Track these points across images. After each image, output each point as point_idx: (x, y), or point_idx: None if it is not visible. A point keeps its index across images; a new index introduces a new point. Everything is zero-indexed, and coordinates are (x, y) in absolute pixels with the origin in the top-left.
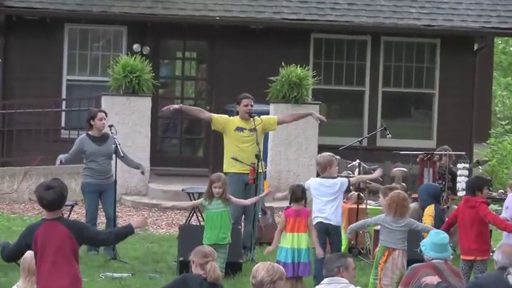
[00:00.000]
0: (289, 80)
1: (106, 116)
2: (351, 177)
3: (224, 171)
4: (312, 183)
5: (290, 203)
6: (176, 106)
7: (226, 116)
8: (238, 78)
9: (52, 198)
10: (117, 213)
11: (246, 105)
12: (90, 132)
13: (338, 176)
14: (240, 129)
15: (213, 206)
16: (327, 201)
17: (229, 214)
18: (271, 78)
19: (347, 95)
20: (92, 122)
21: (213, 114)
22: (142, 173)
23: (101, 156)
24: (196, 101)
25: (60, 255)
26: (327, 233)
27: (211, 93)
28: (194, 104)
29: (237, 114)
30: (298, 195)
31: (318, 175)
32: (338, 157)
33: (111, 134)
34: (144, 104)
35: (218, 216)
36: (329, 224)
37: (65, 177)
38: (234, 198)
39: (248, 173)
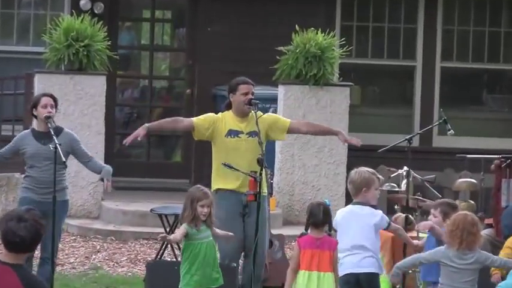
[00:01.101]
0: (306, 51)
1: (55, 102)
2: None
3: (212, 189)
4: (340, 216)
5: (306, 229)
6: (142, 131)
7: (212, 114)
8: (232, 49)
9: (23, 235)
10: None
11: (246, 94)
12: (35, 127)
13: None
14: (233, 133)
15: (203, 233)
16: (361, 238)
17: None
18: (281, 48)
19: (390, 73)
20: (34, 112)
21: (193, 119)
22: (102, 180)
23: (44, 159)
24: (172, 82)
25: None
26: (359, 286)
27: (194, 70)
28: (168, 86)
29: (229, 107)
30: (319, 218)
31: (348, 196)
32: (381, 177)
33: (53, 132)
34: (95, 85)
35: (209, 248)
36: (361, 273)
37: None
38: (215, 228)
39: (246, 193)
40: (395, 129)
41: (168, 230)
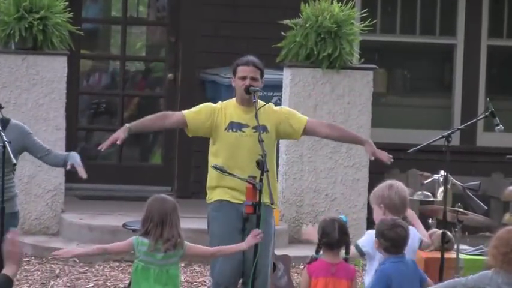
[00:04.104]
0: (318, 25)
1: None
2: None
3: (209, 199)
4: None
5: (317, 251)
6: (121, 133)
7: (208, 104)
8: (225, 23)
9: None
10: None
11: (243, 78)
12: None
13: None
14: (236, 126)
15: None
16: None
17: None
18: (287, 22)
19: (424, 54)
20: None
21: (184, 112)
22: (72, 166)
23: None
24: (149, 64)
25: None
26: None
27: (177, 50)
28: (145, 69)
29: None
30: (334, 238)
31: (370, 209)
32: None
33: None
34: (54, 68)
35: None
36: None
37: None
38: None
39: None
40: (429, 124)
41: None
